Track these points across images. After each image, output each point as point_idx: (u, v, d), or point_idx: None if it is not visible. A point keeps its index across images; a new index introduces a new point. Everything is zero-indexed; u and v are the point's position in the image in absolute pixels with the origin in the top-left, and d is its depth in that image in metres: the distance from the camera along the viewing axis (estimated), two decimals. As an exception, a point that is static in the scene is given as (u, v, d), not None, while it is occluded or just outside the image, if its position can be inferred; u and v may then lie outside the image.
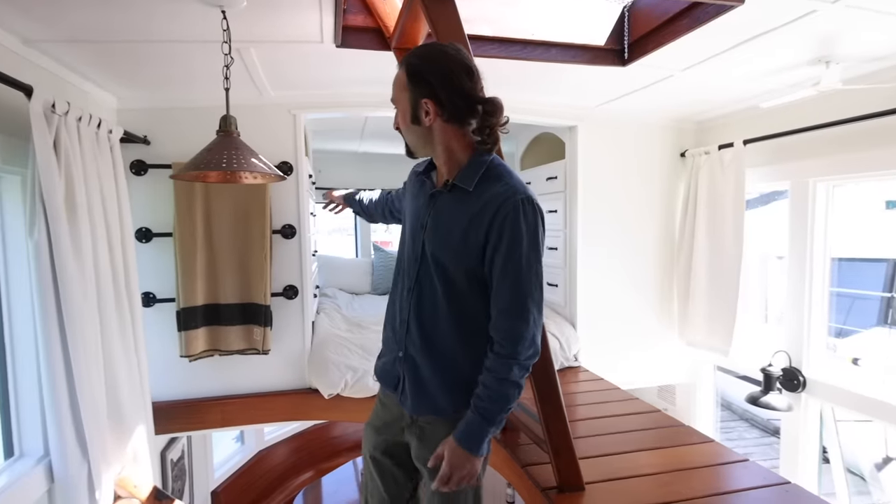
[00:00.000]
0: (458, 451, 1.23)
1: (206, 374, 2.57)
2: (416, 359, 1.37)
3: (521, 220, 1.20)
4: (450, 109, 1.23)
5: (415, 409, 1.38)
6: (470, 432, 1.24)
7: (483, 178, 1.25)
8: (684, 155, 3.22)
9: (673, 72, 2.26)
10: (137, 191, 2.38)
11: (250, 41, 1.83)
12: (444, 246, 1.29)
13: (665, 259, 3.29)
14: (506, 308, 1.23)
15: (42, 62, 1.83)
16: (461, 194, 1.27)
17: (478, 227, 1.23)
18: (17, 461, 1.72)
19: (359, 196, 1.99)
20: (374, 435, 1.51)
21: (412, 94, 1.24)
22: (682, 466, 1.91)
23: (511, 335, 1.22)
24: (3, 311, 1.72)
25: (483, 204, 1.23)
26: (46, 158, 1.56)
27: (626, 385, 2.79)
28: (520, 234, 1.20)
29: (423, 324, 1.35)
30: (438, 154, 1.31)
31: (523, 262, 1.21)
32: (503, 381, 1.22)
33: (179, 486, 2.96)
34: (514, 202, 1.20)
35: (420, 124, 1.26)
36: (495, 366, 1.23)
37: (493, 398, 1.23)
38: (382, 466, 1.50)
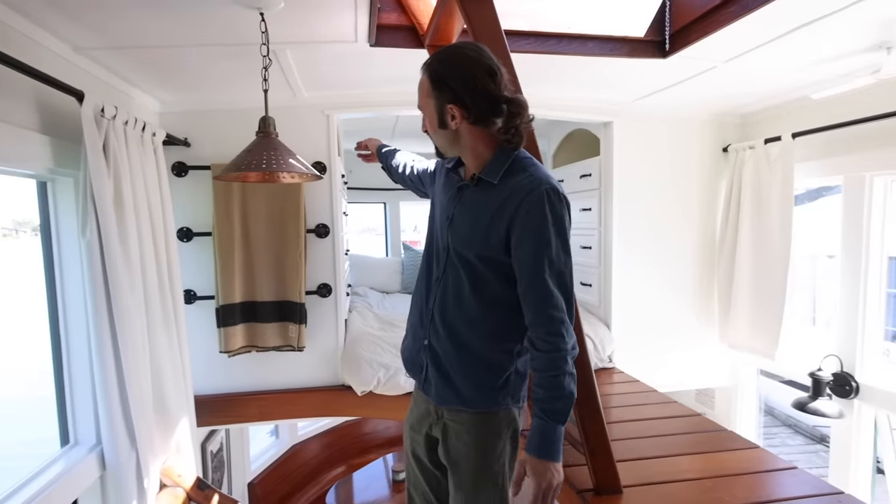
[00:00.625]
0: (542, 464, 1.20)
1: (243, 370, 2.64)
2: (439, 349, 1.38)
3: (546, 210, 1.19)
4: (475, 112, 1.23)
5: (438, 398, 1.39)
6: (546, 439, 1.21)
7: (508, 170, 1.26)
8: (727, 150, 3.11)
9: (716, 63, 2.18)
10: (178, 192, 2.45)
11: (286, 42, 1.85)
12: (469, 238, 1.30)
13: (705, 258, 3.19)
14: (539, 302, 1.22)
15: (91, 68, 1.91)
16: (486, 187, 1.28)
17: (501, 218, 1.23)
18: (73, 448, 1.80)
19: (395, 161, 1.90)
20: (412, 433, 1.53)
21: (437, 100, 1.25)
22: (724, 472, 1.85)
23: (551, 329, 1.21)
24: (59, 306, 1.80)
25: (507, 195, 1.23)
26: (97, 161, 1.62)
27: (663, 388, 2.71)
28: (546, 225, 1.19)
29: (447, 315, 1.36)
30: (466, 154, 1.32)
31: (552, 252, 1.20)
32: (560, 377, 1.20)
33: (218, 476, 3.04)
34: (538, 193, 1.19)
35: (447, 128, 1.27)
36: (548, 364, 1.22)
37: (558, 396, 1.21)
38: (422, 464, 1.51)
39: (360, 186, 4.63)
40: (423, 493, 1.54)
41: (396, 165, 1.87)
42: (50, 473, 1.63)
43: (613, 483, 1.68)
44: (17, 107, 1.51)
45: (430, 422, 1.44)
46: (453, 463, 1.39)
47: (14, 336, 6.03)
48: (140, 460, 1.80)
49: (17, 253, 4.97)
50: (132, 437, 1.78)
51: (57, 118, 1.67)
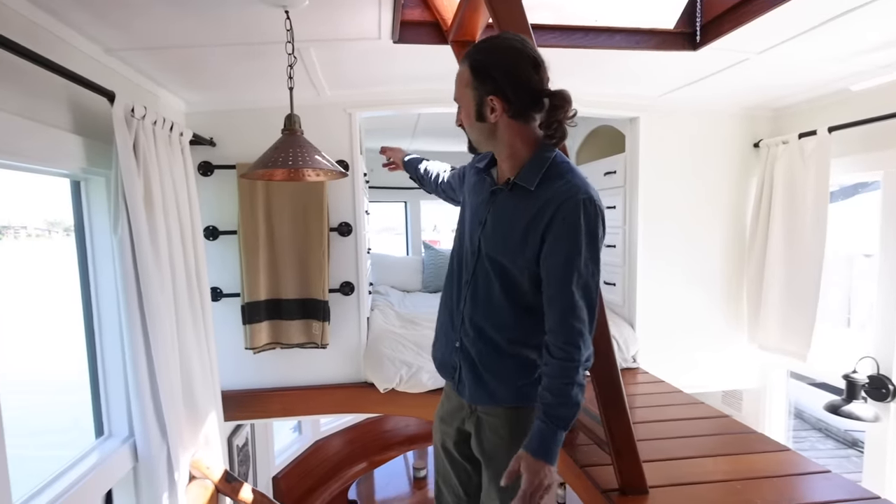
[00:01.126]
0: (536, 463, 1.20)
1: (268, 366, 2.68)
2: (471, 350, 1.38)
3: (580, 219, 1.17)
4: (516, 106, 1.20)
5: (472, 398, 1.40)
6: (544, 441, 1.21)
7: (545, 176, 1.23)
8: (758, 145, 3.01)
9: (749, 54, 2.11)
10: (204, 191, 2.49)
11: (310, 40, 1.86)
12: (502, 244, 1.29)
13: (734, 256, 3.11)
14: (562, 311, 1.21)
15: (121, 69, 1.95)
16: (522, 193, 1.26)
17: (537, 226, 1.21)
18: (107, 440, 1.85)
19: (424, 169, 1.90)
20: (442, 425, 1.54)
21: (477, 91, 1.22)
22: (754, 475, 1.80)
23: (569, 339, 1.20)
24: (93, 302, 1.85)
25: (543, 203, 1.21)
26: (127, 160, 1.66)
27: (688, 389, 2.66)
28: (578, 235, 1.17)
29: (477, 317, 1.37)
30: (501, 150, 1.29)
31: (581, 264, 1.19)
32: (569, 386, 1.21)
33: (244, 470, 3.09)
34: (574, 202, 1.17)
35: (485, 121, 1.24)
36: (557, 371, 1.22)
37: (562, 403, 1.21)
38: (453, 457, 1.52)
39: (380, 185, 4.65)
40: (453, 487, 1.55)
41: (428, 175, 1.87)
42: (86, 463, 1.68)
43: (639, 483, 1.66)
44: (52, 108, 1.55)
45: (463, 416, 1.45)
46: (488, 456, 1.40)
47: (50, 333, 6.22)
48: (171, 452, 1.84)
49: (50, 252, 5.12)
50: (163, 430, 1.83)
51: (89, 119, 1.71)
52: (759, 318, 2.98)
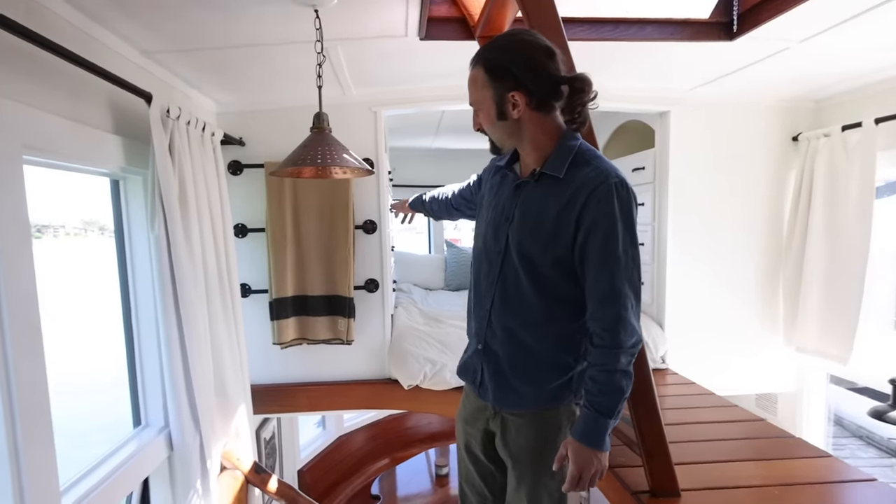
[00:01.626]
0: (583, 450, 1.20)
1: (295, 362, 2.72)
2: (497, 352, 1.36)
3: (614, 203, 1.16)
4: (538, 97, 1.20)
5: (496, 401, 1.37)
6: (589, 429, 1.20)
7: (573, 163, 1.22)
8: (797, 139, 2.90)
9: (790, 43, 2.02)
10: (234, 189, 2.52)
11: (338, 39, 1.88)
12: (533, 236, 1.26)
13: (769, 255, 3.01)
14: (604, 296, 1.19)
15: (156, 71, 2.00)
16: (550, 182, 1.24)
17: (569, 213, 1.19)
18: (144, 430, 1.91)
19: (425, 197, 1.98)
20: (466, 427, 1.51)
21: (496, 90, 1.21)
22: (792, 481, 1.74)
23: (612, 325, 1.18)
24: (131, 298, 1.90)
25: (574, 189, 1.19)
26: (163, 159, 1.70)
27: (720, 391, 2.59)
28: (614, 219, 1.16)
29: (505, 317, 1.33)
30: (526, 145, 1.28)
31: (619, 247, 1.17)
32: (613, 373, 1.19)
33: (271, 463, 3.14)
34: (606, 186, 1.16)
35: (507, 119, 1.23)
36: (601, 359, 1.20)
37: (606, 391, 1.19)
38: (477, 459, 1.50)
39: (403, 184, 4.67)
40: (477, 488, 1.53)
41: (435, 200, 1.91)
42: (125, 451, 1.73)
43: (671, 486, 1.62)
44: (94, 110, 1.60)
45: (487, 416, 1.43)
46: (514, 457, 1.37)
47: (90, 330, 6.43)
48: (203, 443, 1.89)
49: (87, 250, 5.29)
50: (196, 421, 1.87)
51: (127, 119, 1.76)
52: (797, 319, 2.88)
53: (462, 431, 1.53)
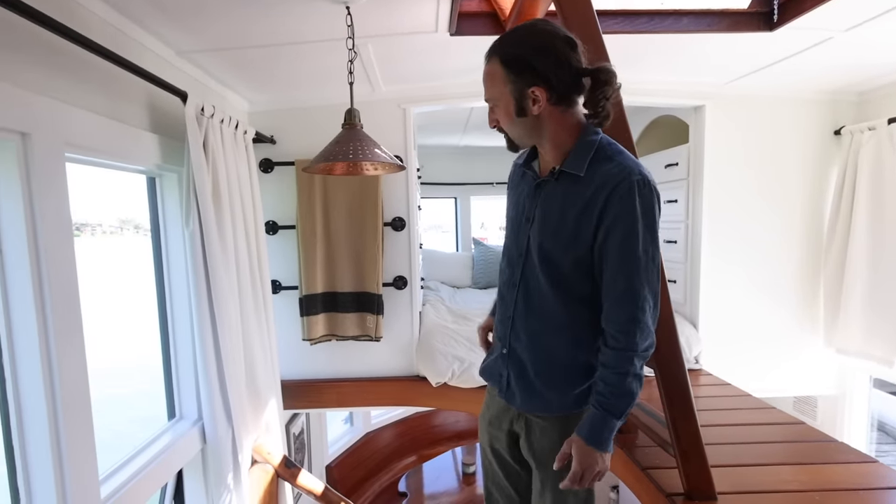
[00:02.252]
0: (587, 449, 1.18)
1: (324, 358, 2.75)
2: (521, 355, 1.33)
3: (635, 201, 1.10)
4: (559, 91, 1.13)
5: (523, 405, 1.34)
6: (595, 429, 1.18)
7: (594, 159, 1.17)
8: (839, 132, 2.80)
9: (833, 33, 1.95)
10: (265, 187, 2.57)
11: (368, 36, 1.88)
12: (554, 236, 1.22)
13: (809, 253, 2.91)
14: (620, 297, 1.15)
15: (191, 71, 2.04)
16: (571, 180, 1.19)
17: (591, 211, 1.15)
18: (178, 422, 1.94)
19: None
20: (490, 428, 1.49)
21: (515, 85, 1.14)
22: (834, 486, 1.68)
23: (626, 327, 1.15)
24: (167, 293, 1.94)
25: (596, 187, 1.14)
26: (198, 157, 1.73)
27: (756, 393, 2.51)
28: (634, 217, 1.11)
29: (527, 319, 1.30)
30: (545, 142, 1.22)
31: (639, 247, 1.12)
32: (624, 376, 1.16)
33: (300, 458, 3.18)
34: (628, 183, 1.11)
35: (527, 115, 1.16)
36: (613, 361, 1.17)
37: (616, 394, 1.16)
38: (503, 459, 1.48)
39: (431, 181, 4.66)
40: (504, 488, 1.50)
41: None
42: (161, 443, 1.77)
43: (707, 488, 1.58)
44: (132, 108, 1.64)
45: (511, 417, 1.40)
46: (538, 460, 1.35)
47: (125, 322, 6.61)
48: (235, 436, 1.92)
49: (123, 248, 5.45)
50: (228, 415, 1.90)
51: (163, 117, 1.80)
52: (838, 320, 2.78)
53: (486, 433, 1.51)
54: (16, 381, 1.19)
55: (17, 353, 1.19)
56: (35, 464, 1.22)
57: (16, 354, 1.19)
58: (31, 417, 1.21)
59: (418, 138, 3.73)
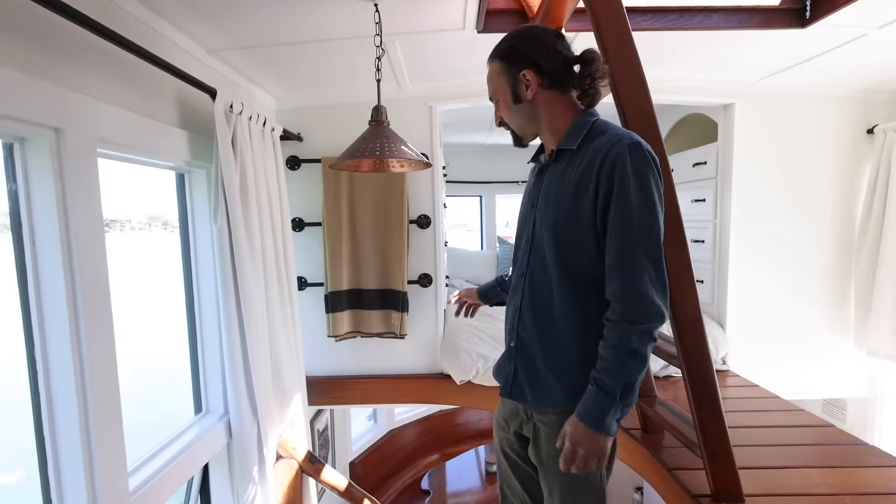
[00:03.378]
0: (580, 427, 1.14)
1: (349, 354, 2.77)
2: (528, 345, 1.32)
3: (627, 165, 1.10)
4: (550, 73, 1.22)
5: (531, 398, 1.33)
6: (588, 406, 1.15)
7: (587, 136, 1.21)
8: (872, 131, 2.74)
9: (868, 30, 1.91)
10: (291, 184, 2.60)
11: (396, 34, 1.90)
12: (556, 215, 1.22)
13: (839, 254, 2.85)
14: (615, 265, 1.13)
15: (220, 68, 2.07)
16: (567, 156, 1.23)
17: (586, 183, 1.16)
18: (205, 416, 1.97)
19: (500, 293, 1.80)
20: (501, 430, 1.50)
21: (509, 74, 1.25)
22: (865, 490, 1.64)
23: (622, 294, 1.11)
24: (194, 289, 1.97)
25: (590, 158, 1.16)
26: (226, 153, 1.75)
27: (784, 395, 2.46)
28: (627, 182, 1.10)
29: (535, 306, 1.30)
30: (544, 128, 1.29)
31: (633, 211, 1.10)
32: (618, 350, 1.11)
33: (324, 454, 3.22)
34: (619, 148, 1.12)
35: (522, 101, 1.25)
36: (609, 334, 1.13)
37: (610, 370, 1.12)
38: (514, 462, 1.48)
39: (456, 179, 4.67)
40: (518, 492, 1.50)
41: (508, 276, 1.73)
42: (187, 437, 1.79)
43: (734, 490, 1.55)
44: (163, 105, 1.68)
45: (520, 420, 1.40)
46: (545, 467, 1.33)
47: (153, 317, 6.77)
48: (261, 431, 1.94)
49: (151, 244, 5.58)
50: (254, 409, 1.92)
51: (192, 114, 1.83)
52: (869, 321, 2.72)
53: (499, 435, 1.51)
54: (47, 373, 1.20)
55: (49, 345, 1.20)
56: (65, 456, 1.23)
57: (48, 347, 1.20)
58: (62, 409, 1.22)
59: (444, 136, 3.74)
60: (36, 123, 1.13)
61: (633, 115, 1.34)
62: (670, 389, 2.50)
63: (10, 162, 1.18)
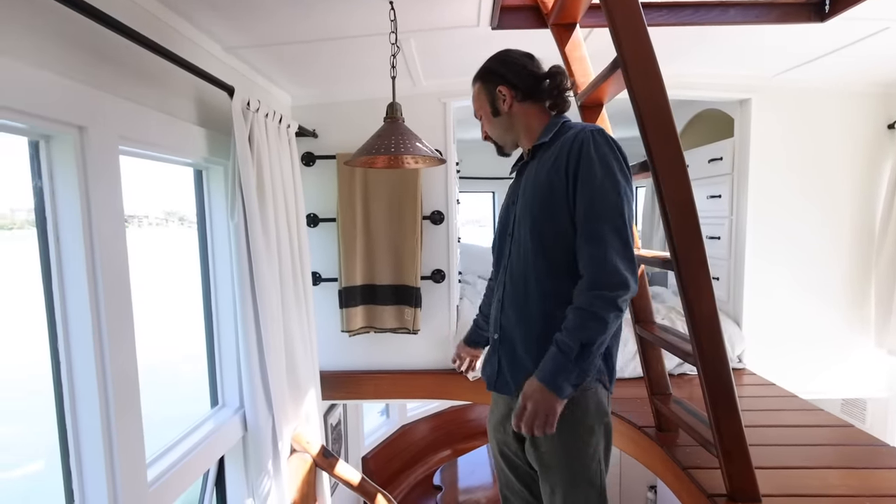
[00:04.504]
0: (534, 383, 1.21)
1: (362, 350, 2.79)
2: (510, 334, 1.37)
3: (591, 148, 1.24)
4: (522, 88, 1.39)
5: (514, 388, 1.36)
6: (546, 365, 1.21)
7: (558, 132, 1.35)
8: (893, 127, 2.68)
9: (889, 23, 1.88)
10: (306, 180, 2.61)
11: (410, 31, 1.90)
12: (532, 204, 1.32)
13: (859, 251, 2.80)
14: (582, 235, 1.23)
15: (237, 66, 2.09)
16: (541, 151, 1.37)
17: (558, 169, 1.27)
18: (221, 409, 2.00)
19: (477, 321, 1.87)
20: (497, 434, 1.52)
21: (487, 91, 1.43)
22: (887, 492, 1.60)
23: (590, 264, 1.20)
24: (211, 284, 2.00)
25: (559, 148, 1.30)
26: (243, 150, 1.78)
27: (801, 394, 2.43)
28: (591, 162, 1.22)
29: (514, 296, 1.36)
30: (521, 134, 1.44)
31: (596, 187, 1.21)
32: (581, 311, 1.18)
33: (337, 448, 3.25)
34: (583, 134, 1.26)
35: (501, 113, 1.42)
36: (576, 300, 1.21)
37: (570, 329, 1.18)
38: (511, 462, 1.50)
39: (469, 176, 4.66)
40: (518, 492, 1.52)
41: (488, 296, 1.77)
42: (204, 429, 1.82)
43: (751, 489, 1.53)
44: (181, 102, 1.70)
45: None
46: (545, 466, 1.35)
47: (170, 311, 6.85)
48: (276, 425, 1.96)
49: (168, 239, 5.64)
50: (269, 403, 1.94)
51: (210, 112, 1.85)
52: (890, 320, 2.67)
53: (494, 438, 1.53)
54: (70, 366, 1.23)
55: (72, 338, 1.23)
56: (87, 447, 1.25)
57: (70, 340, 1.23)
58: (84, 401, 1.24)
59: (458, 132, 3.73)
60: (61, 122, 1.15)
61: (648, 111, 1.32)
62: (685, 387, 2.48)
63: (36, 159, 1.20)
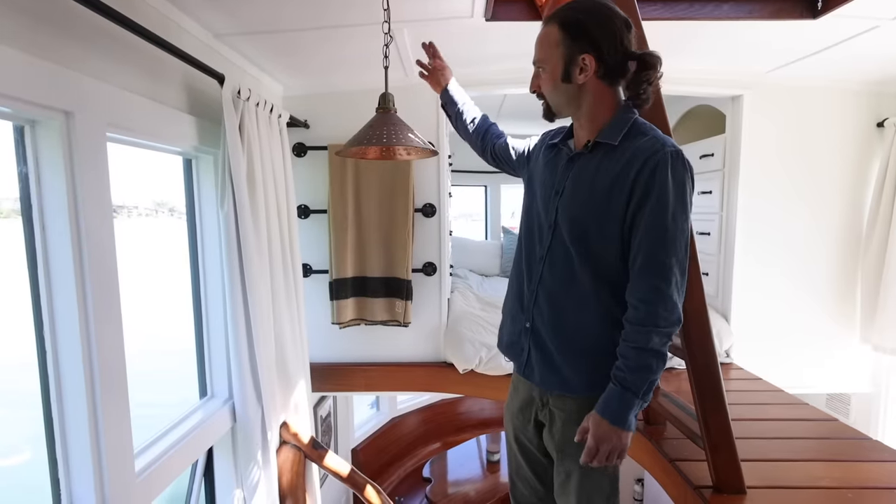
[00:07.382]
0: (603, 424, 1.17)
1: (352, 342, 2.78)
2: (542, 331, 1.32)
3: (668, 173, 1.11)
4: (608, 64, 1.17)
5: (542, 383, 1.34)
6: (611, 404, 1.17)
7: (628, 134, 1.19)
8: (883, 125, 2.71)
9: (880, 21, 1.89)
10: (297, 171, 2.59)
11: (404, 21, 1.88)
12: (583, 208, 1.23)
13: (846, 247, 2.84)
14: (644, 267, 1.14)
15: (227, 54, 2.06)
16: (604, 151, 1.22)
17: (623, 182, 1.16)
18: (210, 400, 1.98)
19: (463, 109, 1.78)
20: (515, 420, 1.50)
21: (568, 49, 1.18)
22: (869, 484, 1.65)
23: (649, 296, 1.13)
24: (200, 273, 1.98)
25: (628, 158, 1.16)
26: (234, 139, 1.75)
27: (788, 389, 2.47)
28: (666, 189, 1.11)
29: (553, 294, 1.30)
30: (582, 115, 1.25)
31: (668, 218, 1.12)
32: (642, 351, 1.14)
33: (326, 440, 3.25)
34: (661, 155, 1.12)
35: (571, 82, 1.20)
36: (633, 335, 1.15)
37: (633, 369, 1.15)
38: (527, 451, 1.49)
39: (462, 169, 4.65)
40: (528, 480, 1.51)
41: (471, 121, 1.75)
42: (192, 420, 1.81)
43: (736, 481, 1.56)
44: (170, 90, 1.67)
45: (535, 408, 1.41)
46: (561, 451, 1.34)
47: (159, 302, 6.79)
48: (265, 416, 1.95)
49: (158, 230, 5.59)
50: (258, 394, 1.93)
51: (200, 99, 1.82)
52: (875, 316, 2.71)
53: (511, 423, 1.51)
54: (56, 355, 1.22)
55: (58, 327, 1.21)
56: (73, 437, 1.24)
57: (56, 329, 1.21)
58: (70, 390, 1.23)
59: (450, 125, 3.72)
60: (46, 106, 1.13)
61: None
62: (673, 381, 2.50)
63: (21, 145, 1.18)
